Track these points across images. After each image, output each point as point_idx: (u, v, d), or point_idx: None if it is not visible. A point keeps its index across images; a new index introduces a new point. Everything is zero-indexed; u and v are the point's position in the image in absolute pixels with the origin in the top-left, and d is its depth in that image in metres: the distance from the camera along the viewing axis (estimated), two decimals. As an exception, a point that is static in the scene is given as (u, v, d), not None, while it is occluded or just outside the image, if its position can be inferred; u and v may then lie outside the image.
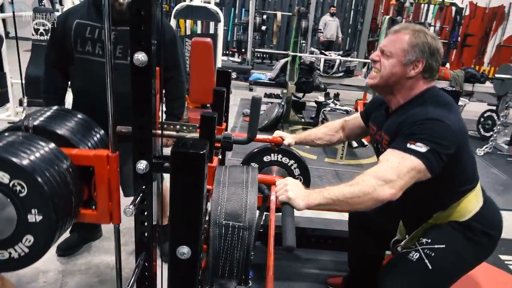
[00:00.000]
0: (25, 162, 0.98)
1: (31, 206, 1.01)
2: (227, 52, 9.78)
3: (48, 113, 1.32)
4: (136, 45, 1.08)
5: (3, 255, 1.05)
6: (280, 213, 1.14)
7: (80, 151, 1.22)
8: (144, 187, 1.19)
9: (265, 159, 1.88)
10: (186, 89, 2.20)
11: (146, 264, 1.30)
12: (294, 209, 1.13)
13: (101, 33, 1.78)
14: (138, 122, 1.14)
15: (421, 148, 1.13)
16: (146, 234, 1.27)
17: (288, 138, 1.71)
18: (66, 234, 2.18)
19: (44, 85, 1.91)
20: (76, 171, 1.13)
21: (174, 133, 1.39)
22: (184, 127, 1.38)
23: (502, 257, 2.57)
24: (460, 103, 4.64)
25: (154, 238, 1.23)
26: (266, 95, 6.32)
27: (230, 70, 1.77)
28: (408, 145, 1.14)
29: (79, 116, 1.38)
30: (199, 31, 6.12)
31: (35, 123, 1.18)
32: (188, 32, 5.45)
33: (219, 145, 1.39)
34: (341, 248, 2.12)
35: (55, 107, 1.46)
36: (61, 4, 4.11)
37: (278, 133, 1.75)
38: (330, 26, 9.79)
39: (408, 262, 1.31)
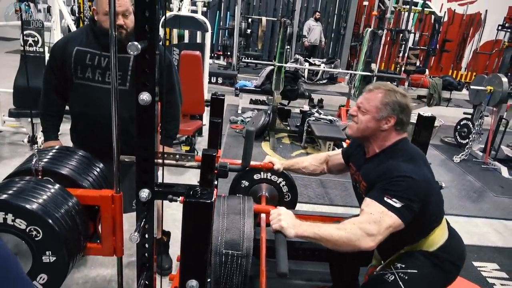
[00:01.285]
0: (39, 209, 1.08)
1: (46, 248, 1.11)
2: (213, 55, 9.85)
3: (53, 154, 1.43)
4: (141, 86, 1.18)
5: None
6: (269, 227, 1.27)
7: (86, 191, 1.33)
8: (146, 213, 1.30)
9: (255, 177, 2.00)
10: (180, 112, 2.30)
11: (147, 282, 1.41)
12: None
13: (101, 60, 1.85)
14: (142, 155, 1.24)
15: (396, 203, 1.32)
16: (147, 255, 1.38)
17: (277, 164, 1.84)
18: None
19: (43, 107, 1.97)
20: (83, 210, 1.24)
21: (173, 162, 1.50)
22: (183, 157, 1.49)
23: (475, 263, 2.74)
24: (436, 123, 4.88)
25: (154, 258, 1.34)
26: (252, 101, 6.43)
27: (223, 97, 1.88)
28: (385, 199, 1.32)
29: (80, 153, 1.49)
30: (186, 38, 6.17)
31: (42, 165, 1.28)
32: (176, 41, 5.51)
33: (216, 172, 1.49)
34: (326, 259, 2.26)
35: (57, 147, 1.55)
36: (49, 13, 4.12)
37: (268, 158, 1.87)
38: (314, 31, 9.97)
39: (384, 282, 1.47)
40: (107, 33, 1.82)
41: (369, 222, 1.29)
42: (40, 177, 1.26)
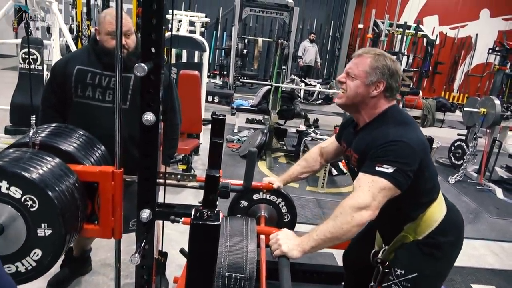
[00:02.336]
0: (37, 177, 1.02)
1: (42, 220, 1.04)
2: (209, 74, 9.94)
3: (52, 130, 1.37)
4: (145, 106, 1.19)
5: (9, 269, 1.07)
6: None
7: (86, 167, 1.26)
8: (146, 234, 1.28)
9: (254, 197, 1.99)
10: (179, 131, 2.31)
11: (146, 304, 1.37)
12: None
13: (102, 79, 1.86)
14: (144, 174, 1.23)
15: (388, 169, 1.27)
16: (145, 277, 1.35)
17: (276, 182, 1.83)
18: (56, 269, 2.21)
19: (41, 124, 1.96)
20: (82, 187, 1.18)
21: (175, 182, 1.49)
22: (185, 177, 1.48)
23: (474, 286, 2.73)
24: (434, 145, 4.95)
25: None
26: (248, 121, 6.46)
27: (224, 117, 1.88)
28: (376, 168, 1.29)
29: (81, 132, 1.42)
30: (184, 57, 6.24)
31: (41, 139, 1.23)
32: (173, 60, 5.56)
33: (218, 192, 1.49)
34: (326, 281, 2.24)
35: (56, 124, 1.47)
36: (48, 32, 4.16)
37: (266, 180, 1.87)
38: (310, 52, 10.13)
39: None
40: (109, 52, 1.86)
41: (358, 195, 1.27)
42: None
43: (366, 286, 1.74)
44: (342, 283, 2.20)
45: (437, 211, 1.46)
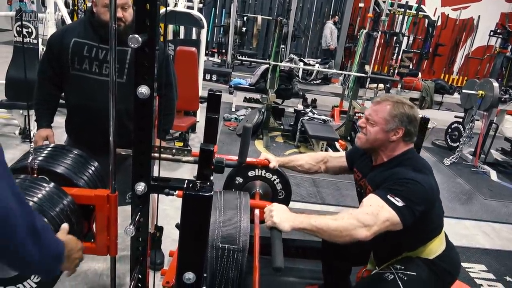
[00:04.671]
0: (35, 208, 1.08)
1: None
2: (207, 52, 9.83)
3: (48, 152, 1.43)
4: (140, 79, 1.18)
5: None
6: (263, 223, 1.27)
7: (81, 190, 1.32)
8: (141, 207, 1.30)
9: (249, 174, 2.00)
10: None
11: (140, 276, 1.41)
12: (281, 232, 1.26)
13: (98, 52, 1.84)
14: (139, 148, 1.24)
15: (398, 202, 1.33)
16: (140, 249, 1.38)
17: (273, 161, 1.84)
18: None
19: (37, 96, 1.94)
20: (78, 210, 1.24)
21: (170, 156, 1.50)
22: (180, 151, 1.48)
23: (464, 264, 2.78)
24: (429, 125, 4.95)
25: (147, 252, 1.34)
26: (246, 100, 6.44)
27: (220, 93, 1.88)
28: (388, 197, 1.34)
29: (76, 152, 1.48)
30: (181, 34, 6.15)
31: (38, 163, 1.27)
32: (171, 37, 5.48)
33: (212, 167, 1.50)
34: (318, 257, 2.28)
35: (53, 145, 1.54)
36: (43, 5, 4.08)
37: (264, 156, 1.88)
38: (334, 34, 10.06)
39: (383, 281, 1.49)
40: (106, 25, 1.83)
41: (366, 213, 1.31)
42: (35, 175, 1.26)
43: (344, 264, 1.80)
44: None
45: (436, 246, 1.53)
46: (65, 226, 1.08)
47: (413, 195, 1.35)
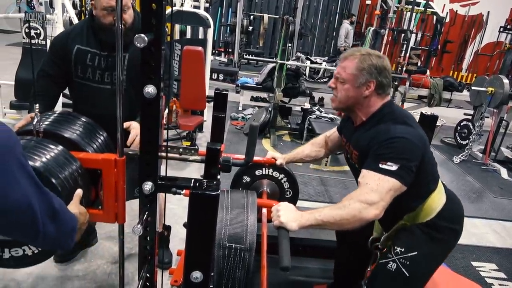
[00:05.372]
0: (41, 165, 1.05)
1: None
2: (214, 51, 9.84)
3: (55, 117, 1.39)
4: (146, 79, 1.18)
5: (17, 252, 1.13)
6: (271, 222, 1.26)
7: (89, 154, 1.29)
8: (149, 206, 1.30)
9: (257, 173, 2.00)
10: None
11: (148, 275, 1.41)
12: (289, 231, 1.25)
13: (101, 60, 1.87)
14: (146, 148, 1.24)
15: (392, 167, 1.28)
16: (148, 248, 1.38)
17: (279, 158, 1.83)
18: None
19: (34, 92, 1.93)
20: (85, 173, 1.21)
21: (177, 155, 1.50)
22: (187, 151, 1.49)
23: (474, 263, 2.76)
24: (438, 123, 4.89)
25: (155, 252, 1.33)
26: (253, 99, 6.43)
27: (226, 92, 1.88)
28: (380, 165, 1.29)
29: (83, 119, 1.44)
30: (188, 34, 6.16)
31: (44, 127, 1.24)
32: (178, 36, 5.49)
33: (219, 166, 1.50)
34: (326, 256, 2.27)
35: (59, 111, 1.51)
36: (51, 6, 4.11)
37: (270, 154, 1.87)
38: (350, 35, 10.02)
39: (388, 272, 1.47)
40: (105, 28, 1.84)
41: (367, 192, 1.27)
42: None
43: (358, 264, 1.77)
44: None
45: (436, 201, 1.48)
46: (79, 192, 1.10)
47: (404, 152, 1.30)
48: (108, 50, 1.84)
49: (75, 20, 4.19)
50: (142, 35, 1.06)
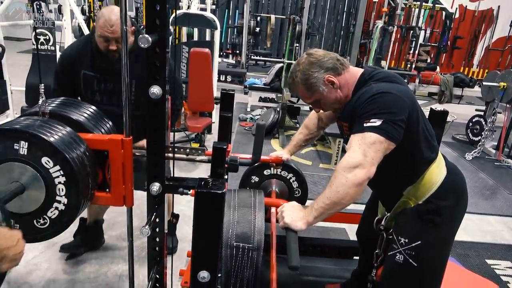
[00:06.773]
0: (53, 141, 1.07)
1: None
2: (222, 53, 9.85)
3: (62, 101, 1.41)
4: (152, 79, 1.18)
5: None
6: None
7: (96, 135, 1.29)
8: (157, 207, 1.30)
9: (265, 172, 2.00)
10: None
11: (158, 276, 1.41)
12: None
13: (107, 84, 1.96)
14: (152, 148, 1.24)
15: (375, 122, 1.22)
16: (157, 249, 1.38)
17: (284, 154, 1.84)
18: (70, 238, 2.29)
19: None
20: (92, 154, 1.21)
21: (184, 156, 1.50)
22: (194, 151, 1.49)
23: (489, 261, 2.70)
24: (448, 118, 4.82)
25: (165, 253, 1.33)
26: (261, 99, 6.43)
27: (233, 92, 1.88)
28: (364, 124, 1.24)
29: (89, 106, 1.47)
30: (195, 36, 6.19)
31: (50, 109, 1.25)
32: (185, 39, 5.52)
33: (226, 166, 1.49)
34: (337, 255, 2.25)
35: (65, 98, 1.51)
36: (60, 12, 4.17)
37: (273, 154, 1.88)
38: None
39: (397, 264, 1.45)
40: (102, 55, 1.91)
41: (349, 156, 1.23)
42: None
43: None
44: (354, 257, 2.22)
45: (436, 173, 1.42)
46: None
47: (387, 107, 1.24)
48: (112, 76, 1.90)
49: (84, 27, 4.23)
50: (146, 35, 1.06)
